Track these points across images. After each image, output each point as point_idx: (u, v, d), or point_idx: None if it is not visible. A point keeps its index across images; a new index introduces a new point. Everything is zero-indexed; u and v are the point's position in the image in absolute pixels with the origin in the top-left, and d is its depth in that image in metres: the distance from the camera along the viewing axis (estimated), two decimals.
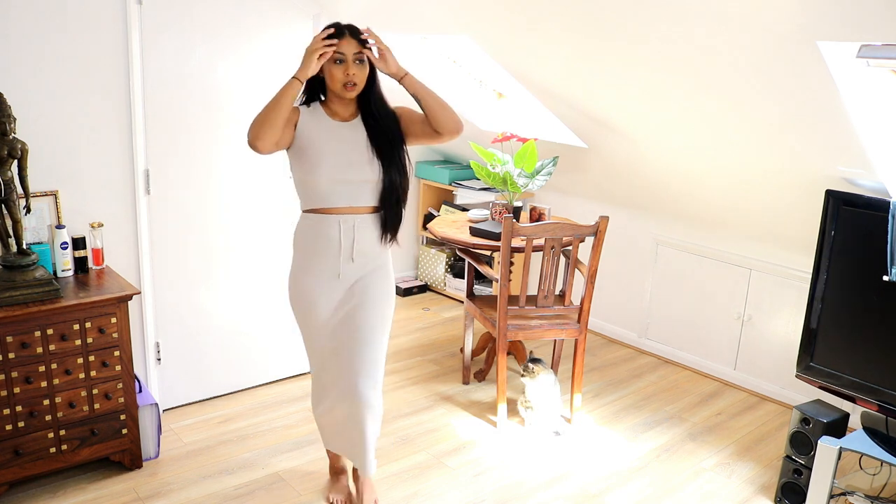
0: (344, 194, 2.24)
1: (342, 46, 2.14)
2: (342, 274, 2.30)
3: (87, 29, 2.71)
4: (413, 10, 3.32)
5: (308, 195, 2.28)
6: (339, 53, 2.14)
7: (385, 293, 2.38)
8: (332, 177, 2.21)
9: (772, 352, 3.57)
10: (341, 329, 2.32)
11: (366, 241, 2.30)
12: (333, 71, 2.17)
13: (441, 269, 5.02)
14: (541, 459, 2.99)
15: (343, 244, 2.27)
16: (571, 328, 3.18)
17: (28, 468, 2.54)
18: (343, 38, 2.14)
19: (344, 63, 2.15)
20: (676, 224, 3.91)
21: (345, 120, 2.28)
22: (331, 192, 2.24)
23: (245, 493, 2.68)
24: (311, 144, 2.21)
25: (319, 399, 2.45)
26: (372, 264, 2.35)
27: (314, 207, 2.28)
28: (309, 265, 2.31)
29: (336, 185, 2.23)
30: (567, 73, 3.20)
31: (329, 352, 2.35)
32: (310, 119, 2.25)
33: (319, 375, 2.43)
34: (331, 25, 2.18)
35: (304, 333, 2.41)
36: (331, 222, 2.26)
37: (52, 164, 2.73)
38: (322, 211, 2.26)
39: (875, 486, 2.68)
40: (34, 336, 2.47)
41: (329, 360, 2.36)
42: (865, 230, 2.52)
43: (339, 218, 2.25)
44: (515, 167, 3.41)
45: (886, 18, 1.97)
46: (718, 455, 3.07)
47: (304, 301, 2.34)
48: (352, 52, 2.15)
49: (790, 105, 2.58)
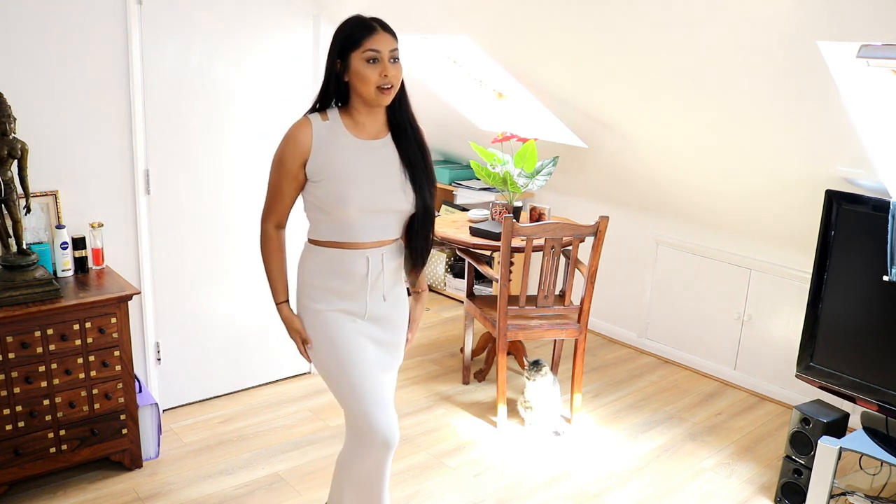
0: (375, 227, 1.90)
1: (376, 42, 1.78)
2: (369, 314, 1.97)
3: (87, 29, 2.71)
4: (413, 10, 3.32)
5: (328, 227, 1.90)
6: (373, 51, 1.78)
7: (405, 323, 2.09)
8: (364, 208, 1.85)
9: (772, 352, 3.57)
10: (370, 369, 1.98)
11: (392, 274, 1.98)
12: (366, 72, 1.78)
13: (441, 269, 5.02)
14: (541, 459, 2.99)
15: (370, 282, 1.93)
16: (571, 328, 3.18)
17: (28, 468, 2.54)
18: (376, 33, 1.79)
19: (379, 63, 1.78)
20: (676, 224, 3.91)
21: (372, 137, 1.89)
22: (359, 226, 1.88)
23: (245, 493, 2.68)
24: (336, 171, 1.84)
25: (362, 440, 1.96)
26: (395, 295, 2.03)
27: (334, 241, 1.90)
28: (337, 305, 1.94)
29: (367, 216, 1.87)
30: (567, 72, 3.20)
31: (367, 396, 1.94)
32: (328, 136, 1.85)
33: (360, 430, 1.95)
34: (356, 19, 1.84)
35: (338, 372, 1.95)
36: (355, 257, 1.90)
37: (52, 164, 2.73)
38: (344, 245, 1.90)
39: (875, 486, 2.68)
40: (34, 336, 2.47)
41: (367, 407, 1.94)
42: (865, 230, 2.52)
43: (367, 253, 1.91)
44: (515, 167, 3.41)
45: (886, 18, 1.97)
46: (718, 455, 3.07)
47: (333, 348, 1.94)
48: (388, 48, 1.79)
49: (790, 105, 2.58)
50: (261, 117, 3.21)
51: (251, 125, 3.20)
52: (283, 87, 3.26)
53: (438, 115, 4.46)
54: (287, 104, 3.23)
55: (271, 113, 3.22)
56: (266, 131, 3.14)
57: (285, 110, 3.19)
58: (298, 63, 3.29)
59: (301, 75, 3.30)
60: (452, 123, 4.52)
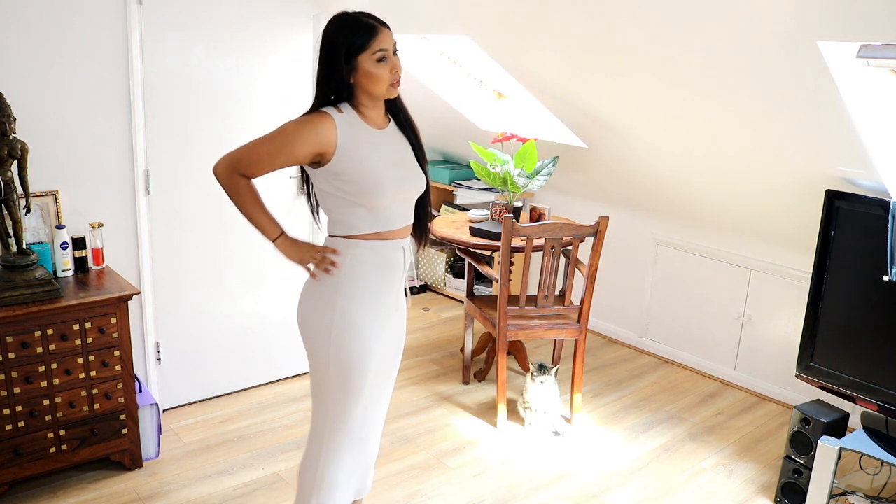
0: (403, 213, 1.95)
1: (382, 41, 1.81)
2: (400, 306, 2.03)
3: (88, 29, 2.71)
4: (413, 10, 3.32)
5: (361, 219, 1.89)
6: (382, 51, 1.80)
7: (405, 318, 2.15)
8: (394, 195, 1.89)
9: (772, 352, 3.57)
10: (384, 370, 2.05)
11: (411, 262, 2.05)
12: (378, 72, 1.81)
13: (441, 269, 5.02)
14: (541, 459, 2.99)
15: (405, 273, 1.98)
16: (571, 328, 3.18)
17: (28, 468, 2.54)
18: (380, 32, 1.81)
19: (387, 60, 1.81)
20: (676, 224, 3.91)
21: (381, 127, 1.93)
22: (391, 213, 1.91)
23: (245, 493, 2.68)
24: (364, 161, 1.84)
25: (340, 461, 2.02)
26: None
27: (374, 232, 1.90)
28: (367, 302, 1.91)
29: (397, 204, 1.92)
30: (567, 73, 3.20)
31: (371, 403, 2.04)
32: (350, 129, 1.85)
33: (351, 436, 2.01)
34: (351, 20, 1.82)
35: (347, 390, 1.93)
36: (394, 248, 1.93)
37: (52, 164, 2.73)
38: (384, 236, 1.91)
39: (875, 486, 2.68)
40: (34, 336, 2.47)
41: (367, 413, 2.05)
42: (865, 230, 2.52)
43: (402, 243, 1.95)
44: (515, 167, 3.41)
45: (886, 18, 1.97)
46: (718, 455, 3.07)
47: (363, 348, 1.91)
48: (391, 44, 1.83)
49: (790, 105, 2.58)
50: (261, 117, 3.20)
51: (251, 125, 3.19)
52: (283, 87, 3.26)
53: (438, 115, 4.46)
54: (287, 104, 3.22)
55: (271, 113, 3.22)
56: (266, 131, 3.12)
57: (285, 110, 3.15)
58: (298, 63, 3.29)
59: (301, 75, 3.29)
60: (452, 123, 4.52)
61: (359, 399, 1.95)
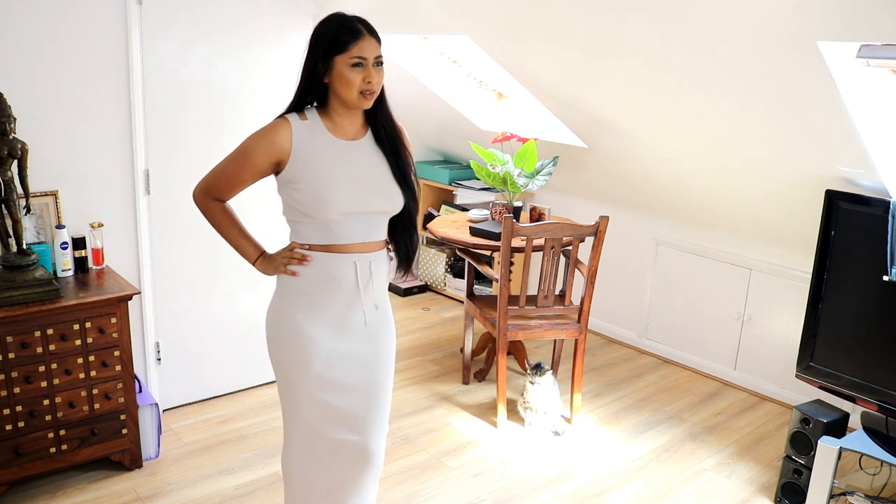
0: (359, 229, 1.85)
1: (363, 48, 1.76)
2: (359, 324, 1.91)
3: (87, 29, 2.71)
4: (413, 10, 3.33)
5: (310, 229, 1.85)
6: (360, 58, 1.75)
7: (392, 329, 2.03)
8: (346, 210, 1.81)
9: (772, 352, 3.57)
10: (349, 381, 1.92)
11: (381, 282, 1.94)
12: (349, 76, 1.76)
13: (441, 269, 5.02)
14: (541, 459, 2.99)
15: (361, 290, 1.88)
16: (571, 328, 3.18)
17: (28, 468, 2.54)
18: (363, 38, 1.77)
19: (363, 67, 1.76)
20: (676, 224, 3.91)
21: (351, 138, 1.86)
22: (343, 228, 1.83)
23: (245, 493, 2.68)
24: (317, 171, 1.79)
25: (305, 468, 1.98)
26: (384, 305, 1.99)
27: (320, 244, 1.85)
28: (311, 312, 1.87)
29: (349, 218, 1.83)
30: (567, 73, 3.20)
31: (325, 412, 1.92)
32: (308, 137, 1.82)
33: (309, 443, 1.96)
34: (340, 20, 1.82)
35: (290, 391, 1.93)
36: (343, 263, 1.85)
37: (52, 164, 2.73)
38: (332, 249, 1.85)
39: (875, 486, 2.68)
40: (34, 336, 2.47)
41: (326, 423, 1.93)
42: (865, 230, 2.52)
43: (355, 258, 1.86)
44: (515, 167, 3.41)
45: (886, 18, 1.97)
46: (718, 455, 3.07)
47: (301, 351, 1.88)
48: (373, 54, 1.77)
49: (790, 105, 2.58)
50: (261, 117, 3.16)
51: (251, 125, 3.16)
52: (282, 87, 3.26)
53: (438, 115, 4.46)
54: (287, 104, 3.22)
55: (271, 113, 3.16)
56: None
57: None
58: (298, 63, 3.27)
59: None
60: (452, 123, 4.52)
61: (300, 404, 1.91)
